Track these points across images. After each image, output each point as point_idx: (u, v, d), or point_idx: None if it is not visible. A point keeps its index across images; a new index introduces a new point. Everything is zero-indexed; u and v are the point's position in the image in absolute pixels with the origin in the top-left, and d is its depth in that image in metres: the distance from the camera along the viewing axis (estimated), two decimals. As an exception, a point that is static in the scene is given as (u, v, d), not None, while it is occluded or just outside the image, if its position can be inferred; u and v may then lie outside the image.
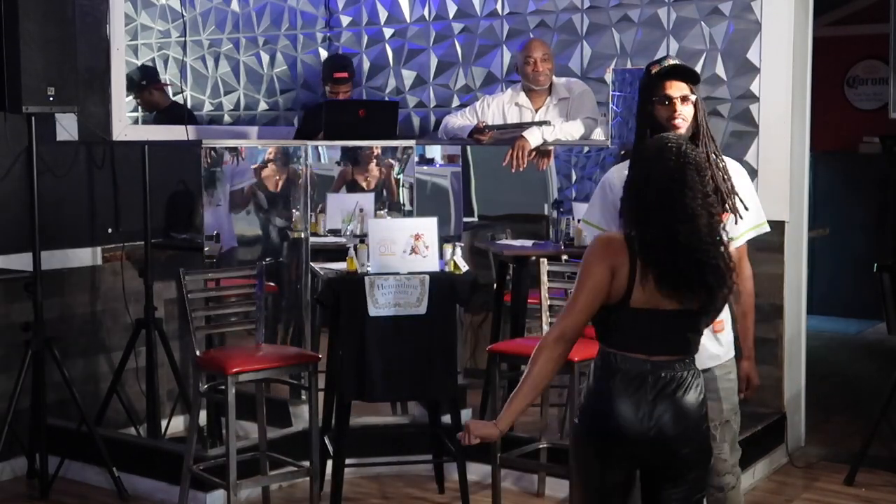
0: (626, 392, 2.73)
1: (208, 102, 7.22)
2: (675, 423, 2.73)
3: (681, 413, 2.74)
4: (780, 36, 5.12)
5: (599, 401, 2.77)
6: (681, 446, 2.75)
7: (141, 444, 5.14)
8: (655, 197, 2.71)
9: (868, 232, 8.73)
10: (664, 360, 2.75)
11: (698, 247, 2.70)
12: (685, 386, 2.75)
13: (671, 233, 2.69)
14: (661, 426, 2.72)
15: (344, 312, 4.48)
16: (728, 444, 3.37)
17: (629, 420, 2.72)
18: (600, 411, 2.77)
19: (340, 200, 5.57)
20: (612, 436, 2.74)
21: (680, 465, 2.78)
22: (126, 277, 5.53)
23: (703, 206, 2.70)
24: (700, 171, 2.73)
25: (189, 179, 5.64)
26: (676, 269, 2.69)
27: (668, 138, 2.82)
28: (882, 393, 5.03)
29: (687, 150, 2.74)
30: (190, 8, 7.21)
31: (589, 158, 5.46)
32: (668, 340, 2.76)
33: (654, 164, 2.75)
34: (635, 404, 2.72)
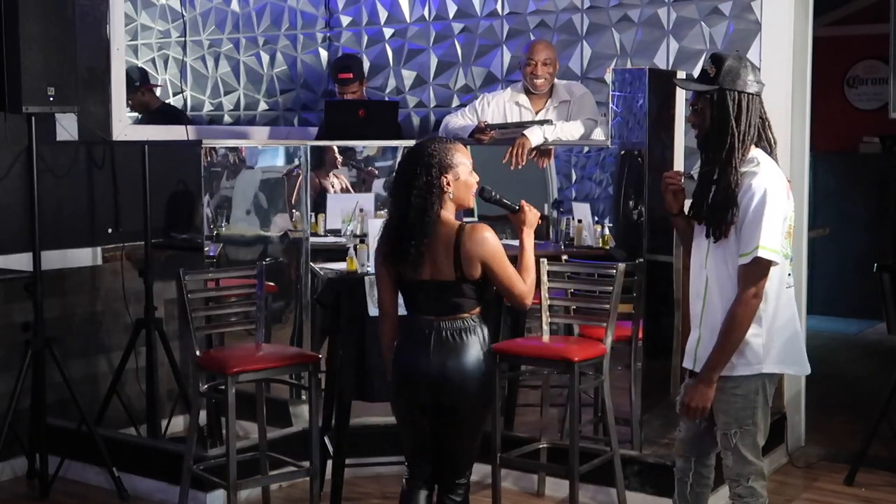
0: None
1: (208, 102, 7.22)
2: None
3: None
4: (780, 36, 5.12)
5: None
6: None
7: (141, 444, 5.14)
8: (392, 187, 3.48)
9: (868, 232, 8.73)
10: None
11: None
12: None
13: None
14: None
15: (344, 312, 4.47)
16: (732, 454, 3.37)
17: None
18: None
19: (340, 200, 5.57)
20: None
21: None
22: (126, 277, 5.53)
23: (415, 195, 3.31)
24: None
25: (189, 179, 5.65)
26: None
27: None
28: (882, 393, 5.03)
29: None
30: (190, 8, 7.21)
31: (589, 158, 5.46)
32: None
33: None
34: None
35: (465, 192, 3.42)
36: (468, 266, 3.34)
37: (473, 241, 3.33)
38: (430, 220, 3.33)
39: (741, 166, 3.25)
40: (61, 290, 5.35)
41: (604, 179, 5.29)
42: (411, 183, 3.34)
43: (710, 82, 3.26)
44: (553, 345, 4.53)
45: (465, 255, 3.33)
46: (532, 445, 4.75)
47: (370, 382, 4.43)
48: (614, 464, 4.48)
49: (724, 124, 3.25)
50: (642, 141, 4.72)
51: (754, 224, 3.20)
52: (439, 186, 3.35)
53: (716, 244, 3.30)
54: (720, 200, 3.25)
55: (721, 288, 3.31)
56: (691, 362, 3.43)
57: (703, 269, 3.37)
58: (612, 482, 4.51)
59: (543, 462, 4.77)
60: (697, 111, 3.32)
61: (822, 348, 7.40)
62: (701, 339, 3.39)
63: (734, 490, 3.42)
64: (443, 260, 3.34)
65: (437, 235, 3.34)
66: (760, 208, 3.19)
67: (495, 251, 3.35)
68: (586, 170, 5.59)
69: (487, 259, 3.34)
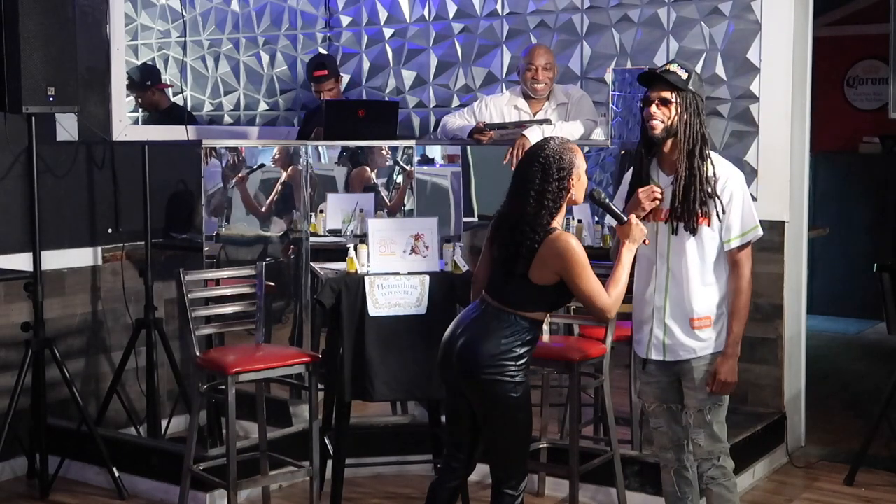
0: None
1: (208, 102, 7.22)
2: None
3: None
4: (780, 36, 5.12)
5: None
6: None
7: (141, 444, 5.14)
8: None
9: (868, 232, 8.73)
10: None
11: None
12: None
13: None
14: None
15: (344, 312, 4.47)
16: (704, 431, 3.59)
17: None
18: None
19: (340, 200, 5.57)
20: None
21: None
22: (126, 277, 5.53)
23: (548, 199, 3.37)
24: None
25: (189, 179, 5.65)
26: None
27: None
28: (882, 393, 5.03)
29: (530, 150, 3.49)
30: (190, 8, 7.21)
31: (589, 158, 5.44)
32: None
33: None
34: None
35: (580, 192, 3.48)
36: (536, 270, 3.36)
37: (551, 250, 3.34)
38: (551, 224, 3.38)
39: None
40: (61, 290, 5.35)
41: (604, 179, 5.29)
42: (545, 185, 3.37)
43: (683, 84, 3.50)
44: (553, 345, 4.53)
45: (539, 259, 3.35)
46: (532, 445, 4.74)
47: (370, 382, 4.43)
48: (614, 464, 4.48)
49: (696, 125, 3.50)
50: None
51: (744, 209, 3.53)
52: (567, 188, 3.40)
53: (680, 237, 3.53)
54: (703, 194, 3.49)
55: (695, 275, 3.54)
56: (660, 354, 3.62)
57: (665, 263, 3.58)
58: (612, 482, 4.52)
59: (543, 462, 4.77)
60: (670, 105, 3.49)
61: (822, 348, 7.40)
62: (669, 329, 3.59)
63: (707, 473, 3.64)
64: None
65: None
66: (743, 194, 3.54)
67: (573, 264, 3.33)
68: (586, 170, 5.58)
69: (562, 272, 3.35)
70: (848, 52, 8.96)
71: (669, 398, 3.68)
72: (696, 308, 3.55)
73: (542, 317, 3.48)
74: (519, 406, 3.42)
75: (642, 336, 3.67)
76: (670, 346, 3.59)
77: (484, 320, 3.43)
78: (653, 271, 3.61)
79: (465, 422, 3.53)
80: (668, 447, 3.73)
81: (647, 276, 3.63)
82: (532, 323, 3.43)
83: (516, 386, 3.39)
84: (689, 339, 3.57)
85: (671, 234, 3.55)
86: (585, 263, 3.35)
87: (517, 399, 3.40)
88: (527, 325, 3.41)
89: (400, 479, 5.00)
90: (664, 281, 3.58)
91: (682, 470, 3.73)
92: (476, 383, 3.40)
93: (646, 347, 3.65)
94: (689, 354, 3.58)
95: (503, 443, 3.46)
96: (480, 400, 3.43)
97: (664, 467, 3.78)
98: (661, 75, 3.49)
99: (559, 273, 3.35)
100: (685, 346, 3.58)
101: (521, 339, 3.40)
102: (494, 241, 3.50)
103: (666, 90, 3.49)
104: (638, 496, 4.59)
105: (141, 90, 6.58)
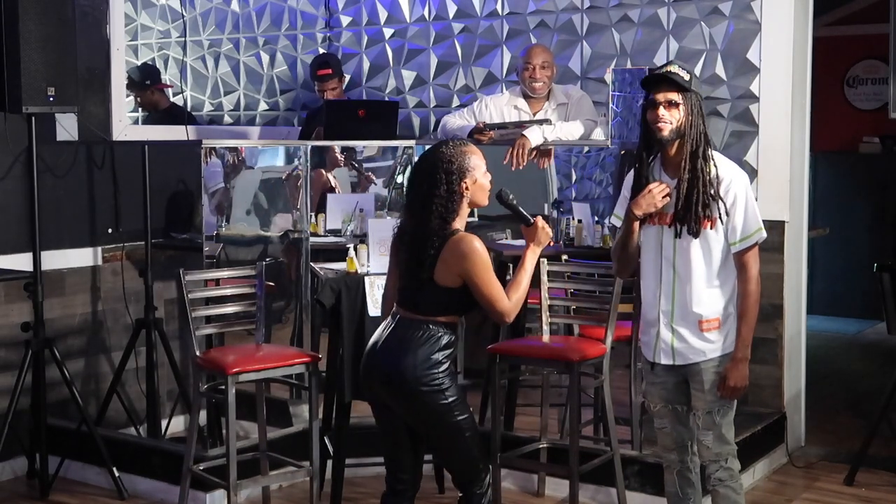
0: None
1: (208, 102, 7.22)
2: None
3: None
4: (780, 36, 5.12)
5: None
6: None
7: (141, 444, 5.14)
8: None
9: (868, 232, 8.72)
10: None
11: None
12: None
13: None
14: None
15: (344, 312, 4.47)
16: (712, 433, 3.55)
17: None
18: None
19: (340, 200, 5.57)
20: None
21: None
22: (126, 277, 5.53)
23: (437, 204, 3.31)
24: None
25: (189, 179, 5.65)
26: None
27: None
28: (882, 393, 5.03)
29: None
30: (190, 8, 7.21)
31: (589, 158, 5.46)
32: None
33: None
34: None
35: (480, 194, 3.41)
36: (442, 272, 3.31)
37: (453, 251, 3.30)
38: (450, 228, 3.33)
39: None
40: (61, 290, 5.35)
41: (604, 179, 5.30)
42: (431, 191, 3.32)
43: (688, 85, 3.46)
44: (553, 345, 4.54)
45: (442, 261, 3.30)
46: (532, 445, 4.75)
47: (370, 382, 4.43)
48: (614, 464, 4.48)
49: (699, 126, 3.47)
50: (642, 141, 4.71)
51: (748, 210, 3.49)
52: (459, 192, 3.34)
53: (684, 240, 3.48)
54: (707, 197, 3.45)
55: (701, 278, 3.50)
56: (669, 358, 3.57)
57: (671, 267, 3.53)
58: (612, 482, 4.51)
59: (543, 462, 4.76)
60: (677, 108, 3.45)
61: (822, 348, 7.40)
62: (677, 332, 3.54)
63: (714, 474, 3.59)
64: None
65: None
66: (747, 195, 3.50)
67: (474, 265, 3.29)
68: (586, 170, 5.60)
69: (464, 273, 3.30)
70: (848, 52, 8.95)
71: (675, 399, 3.64)
72: (704, 311, 3.51)
73: (455, 320, 3.40)
74: (455, 409, 3.34)
75: (649, 339, 3.62)
76: (679, 350, 3.55)
77: (399, 333, 3.36)
78: (659, 275, 3.56)
79: (403, 439, 3.46)
80: (671, 448, 3.70)
81: (654, 279, 3.59)
82: (446, 327, 3.36)
83: (445, 392, 3.32)
84: (698, 342, 3.53)
85: (675, 238, 3.50)
86: (487, 266, 3.30)
87: (451, 404, 3.33)
88: (442, 330, 3.35)
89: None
90: (670, 285, 3.53)
91: (685, 471, 3.71)
92: (405, 399, 3.35)
93: (654, 351, 3.60)
94: (698, 357, 3.54)
95: (454, 449, 3.41)
96: (416, 414, 3.37)
97: (667, 468, 3.75)
98: (667, 77, 3.45)
99: (461, 275, 3.30)
100: (694, 348, 3.53)
101: (437, 345, 3.33)
102: (398, 252, 3.45)
103: (673, 92, 3.44)
104: (638, 496, 4.59)
105: (140, 90, 6.58)
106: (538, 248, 3.48)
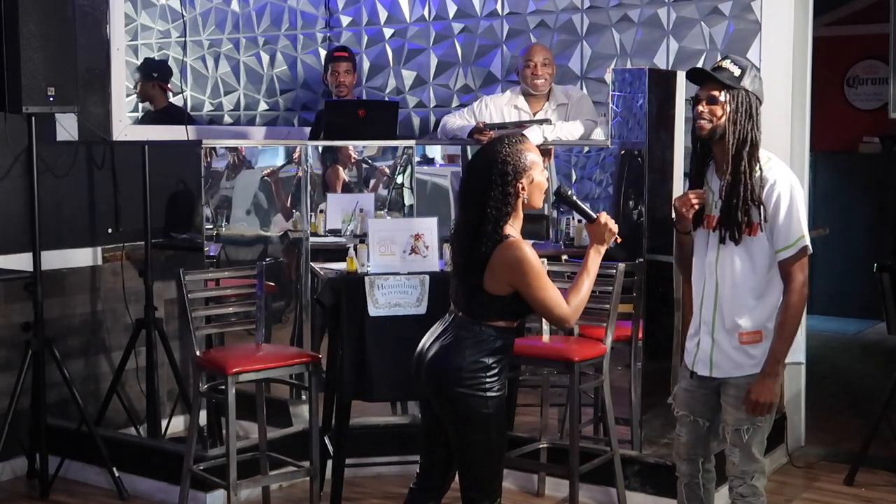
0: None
1: (208, 102, 7.22)
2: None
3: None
4: (780, 36, 5.12)
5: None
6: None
7: (141, 444, 5.14)
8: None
9: (868, 232, 8.73)
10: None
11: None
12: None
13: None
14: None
15: (344, 312, 4.48)
16: (739, 450, 3.40)
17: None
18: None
19: (340, 200, 5.57)
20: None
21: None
22: (126, 277, 5.53)
23: (491, 206, 3.17)
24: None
25: (189, 179, 5.65)
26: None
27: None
28: (882, 393, 5.03)
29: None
30: (190, 8, 7.21)
31: (589, 158, 5.46)
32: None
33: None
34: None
35: (537, 195, 3.25)
36: (491, 280, 3.18)
37: (501, 260, 3.16)
38: (502, 232, 3.17)
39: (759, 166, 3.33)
40: (61, 290, 5.35)
41: (604, 179, 5.29)
42: (486, 192, 3.16)
43: (735, 82, 3.30)
44: (553, 345, 4.54)
45: (490, 269, 3.17)
46: (532, 445, 4.76)
47: (370, 382, 4.43)
48: (614, 464, 4.48)
49: (747, 126, 3.30)
50: (642, 141, 4.73)
51: (793, 216, 3.28)
52: (515, 194, 3.18)
53: (727, 246, 3.34)
54: (750, 201, 3.29)
55: (744, 287, 3.34)
56: (706, 368, 3.42)
57: (713, 274, 3.38)
58: (612, 482, 4.52)
59: (543, 462, 4.77)
60: (719, 104, 3.30)
61: (822, 348, 7.40)
62: (717, 343, 3.39)
63: (737, 489, 3.43)
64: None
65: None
66: (794, 201, 3.29)
67: (524, 274, 3.14)
68: (586, 170, 5.59)
69: (514, 282, 3.16)
70: (848, 52, 8.95)
71: (699, 412, 3.49)
72: (745, 322, 3.34)
73: (509, 325, 3.26)
74: (491, 423, 3.21)
75: (691, 346, 3.48)
76: (717, 362, 3.39)
77: (451, 332, 3.25)
78: (702, 281, 3.42)
79: (440, 438, 3.34)
80: (683, 458, 3.58)
81: (698, 286, 3.44)
82: (499, 331, 3.23)
83: (488, 401, 3.19)
84: (737, 355, 3.36)
85: (719, 244, 3.35)
86: (539, 272, 3.16)
87: (489, 415, 3.20)
88: (494, 334, 3.22)
89: (400, 479, 4.99)
90: (713, 292, 3.38)
91: (694, 486, 3.59)
92: (446, 399, 3.23)
93: (693, 359, 3.46)
94: (736, 371, 3.36)
95: (475, 462, 3.25)
96: (451, 416, 3.24)
97: (678, 478, 3.63)
98: (710, 73, 3.32)
99: (511, 284, 3.16)
100: (733, 361, 3.36)
101: (489, 348, 3.21)
102: (453, 251, 3.35)
103: (715, 88, 3.29)
104: (638, 496, 4.59)
105: (145, 79, 6.59)
106: (602, 248, 3.31)
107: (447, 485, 3.45)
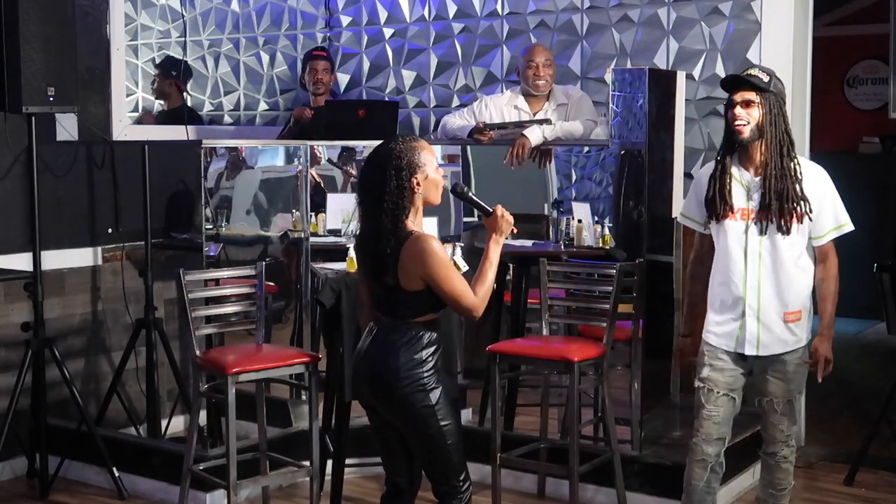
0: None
1: (208, 102, 7.22)
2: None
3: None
4: (780, 36, 5.12)
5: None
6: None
7: (141, 444, 5.14)
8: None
9: (868, 232, 8.69)
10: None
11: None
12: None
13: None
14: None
15: (344, 312, 4.47)
16: (787, 418, 3.77)
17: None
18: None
19: (340, 200, 5.57)
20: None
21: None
22: (126, 277, 5.53)
23: (387, 201, 3.23)
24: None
25: (189, 179, 5.65)
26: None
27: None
28: (882, 393, 5.03)
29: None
30: (190, 8, 7.21)
31: (589, 158, 5.46)
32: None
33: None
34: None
35: (433, 191, 3.32)
36: (404, 277, 3.24)
37: (411, 255, 3.22)
38: (403, 226, 3.25)
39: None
40: (61, 290, 5.35)
41: (604, 179, 5.29)
42: (381, 188, 3.24)
43: (766, 86, 3.61)
44: (553, 345, 4.54)
45: (401, 266, 3.23)
46: (532, 445, 4.75)
47: (370, 382, 4.42)
48: (614, 464, 4.48)
49: (780, 126, 3.62)
50: (642, 141, 4.73)
51: (836, 204, 3.73)
52: (410, 189, 3.25)
53: (770, 236, 3.64)
54: (794, 196, 3.62)
55: (787, 273, 3.67)
56: (753, 349, 3.72)
57: (755, 261, 3.67)
58: (612, 482, 4.51)
59: (543, 462, 4.76)
60: (754, 107, 3.59)
61: (822, 348, 7.38)
62: (763, 324, 3.70)
63: (780, 453, 3.81)
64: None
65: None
66: (833, 190, 3.74)
67: (432, 266, 3.21)
68: (586, 170, 5.59)
69: (425, 276, 3.22)
70: (848, 52, 8.95)
71: (735, 388, 3.77)
72: (790, 303, 3.69)
73: (434, 317, 3.33)
74: (438, 412, 3.28)
75: (731, 330, 3.74)
76: (765, 342, 3.71)
77: (381, 338, 3.33)
78: (740, 269, 3.69)
79: (395, 442, 3.42)
80: (711, 440, 3.76)
81: (737, 274, 3.70)
82: (427, 325, 3.31)
83: (429, 393, 3.26)
84: (784, 334, 3.70)
85: (761, 235, 3.66)
86: (446, 263, 3.23)
87: (434, 406, 3.27)
88: (423, 329, 3.30)
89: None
90: (756, 279, 3.68)
91: (717, 466, 3.81)
92: (390, 402, 3.30)
93: (735, 341, 3.73)
94: (783, 348, 3.72)
95: (434, 455, 3.34)
96: (399, 417, 3.32)
97: (698, 462, 3.79)
98: (744, 78, 3.60)
99: (422, 277, 3.22)
100: (781, 339, 3.70)
101: (421, 344, 3.28)
102: (360, 258, 3.40)
103: (749, 92, 3.59)
104: (638, 496, 4.59)
105: (163, 76, 6.63)
106: (501, 238, 3.39)
107: (417, 484, 3.53)
